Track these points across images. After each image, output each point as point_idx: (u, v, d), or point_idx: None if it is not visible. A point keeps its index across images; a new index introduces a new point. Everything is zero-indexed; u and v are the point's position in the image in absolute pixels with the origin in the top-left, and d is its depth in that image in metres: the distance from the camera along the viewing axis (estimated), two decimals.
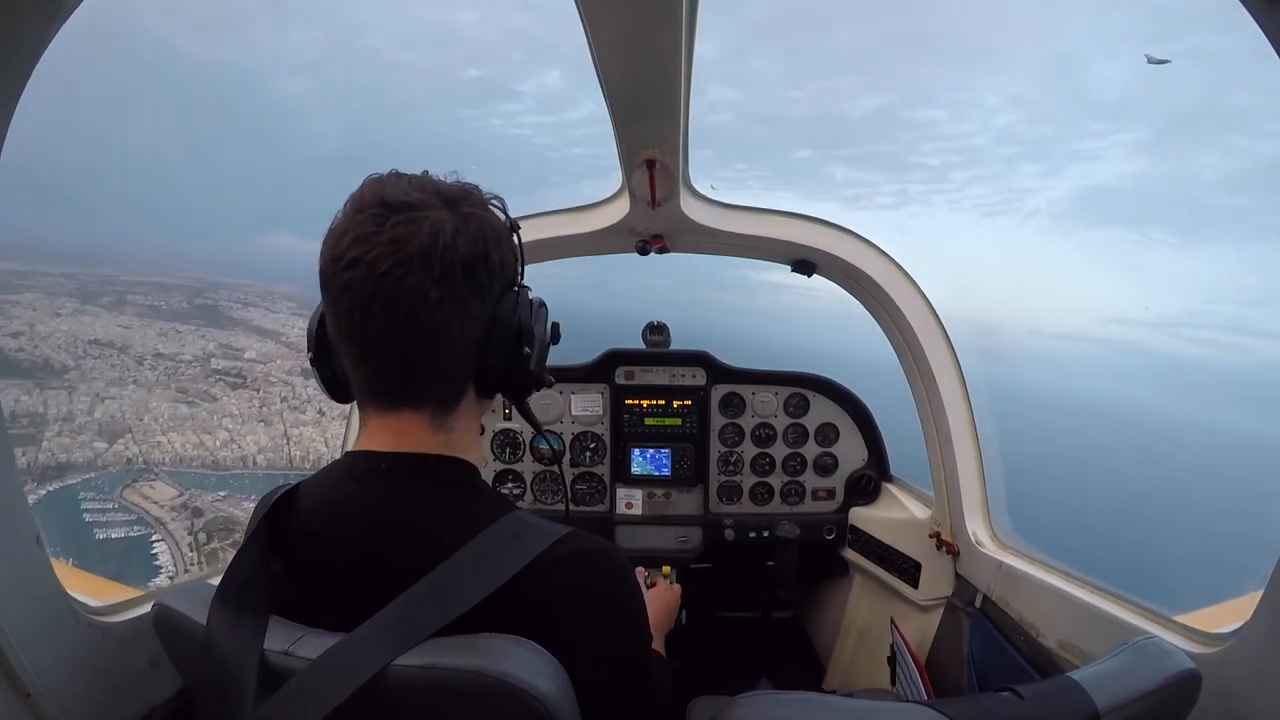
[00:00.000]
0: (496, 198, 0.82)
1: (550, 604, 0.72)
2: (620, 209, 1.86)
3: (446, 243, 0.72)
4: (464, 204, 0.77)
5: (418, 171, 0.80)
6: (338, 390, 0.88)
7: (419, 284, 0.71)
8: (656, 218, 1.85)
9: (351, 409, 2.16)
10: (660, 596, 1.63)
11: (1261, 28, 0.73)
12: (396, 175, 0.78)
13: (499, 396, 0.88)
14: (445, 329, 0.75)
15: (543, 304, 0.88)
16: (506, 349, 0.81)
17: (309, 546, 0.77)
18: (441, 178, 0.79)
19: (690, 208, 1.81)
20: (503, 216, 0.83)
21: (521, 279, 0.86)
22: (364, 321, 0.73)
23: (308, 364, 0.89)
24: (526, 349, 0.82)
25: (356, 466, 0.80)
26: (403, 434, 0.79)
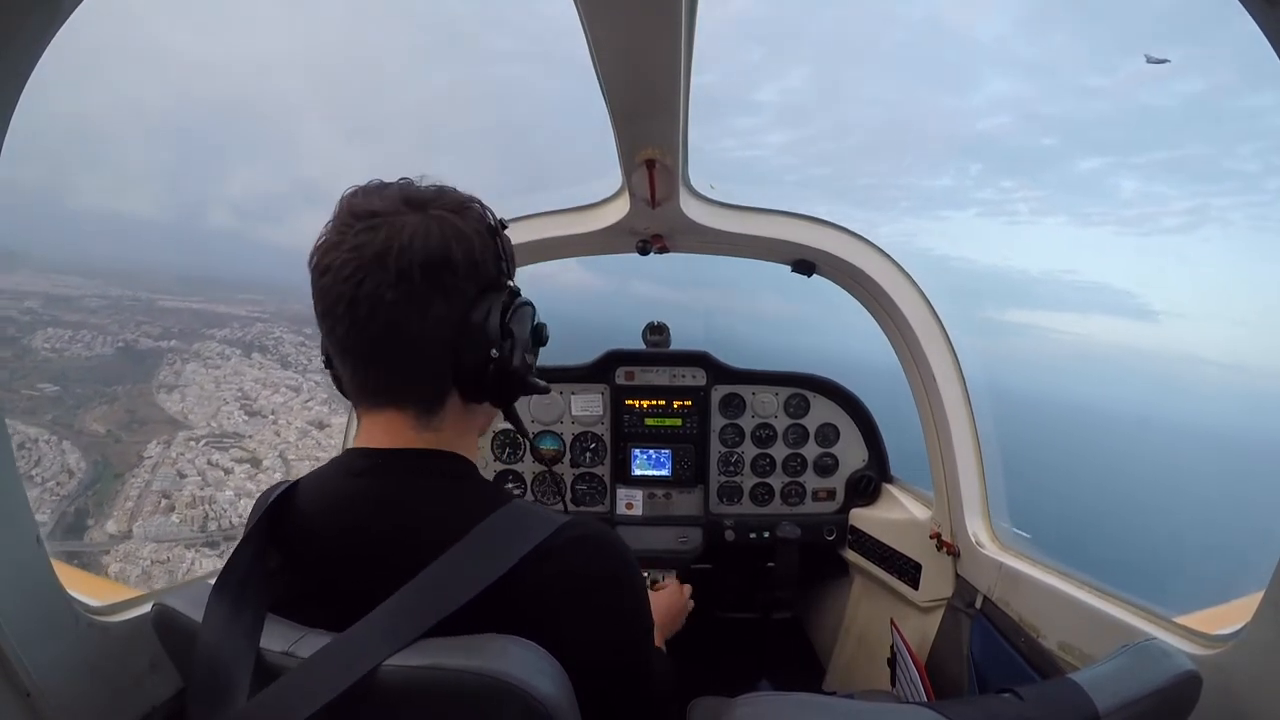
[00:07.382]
0: (474, 199, 0.82)
1: (544, 590, 0.72)
2: (620, 209, 1.86)
3: (403, 245, 0.74)
4: (431, 207, 0.78)
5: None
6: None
7: (374, 287, 0.73)
8: (656, 218, 1.85)
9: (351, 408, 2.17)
10: (669, 597, 1.61)
11: (1261, 28, 0.73)
12: (377, 185, 0.80)
13: None
14: (404, 330, 0.76)
15: (527, 304, 0.86)
16: (476, 350, 0.80)
17: (307, 542, 0.78)
18: (420, 183, 0.81)
19: (690, 208, 1.82)
20: (489, 218, 0.83)
21: (509, 278, 0.85)
22: (334, 325, 0.77)
23: None
24: (495, 351, 0.80)
25: (354, 463, 0.80)
26: (390, 432, 0.81)
